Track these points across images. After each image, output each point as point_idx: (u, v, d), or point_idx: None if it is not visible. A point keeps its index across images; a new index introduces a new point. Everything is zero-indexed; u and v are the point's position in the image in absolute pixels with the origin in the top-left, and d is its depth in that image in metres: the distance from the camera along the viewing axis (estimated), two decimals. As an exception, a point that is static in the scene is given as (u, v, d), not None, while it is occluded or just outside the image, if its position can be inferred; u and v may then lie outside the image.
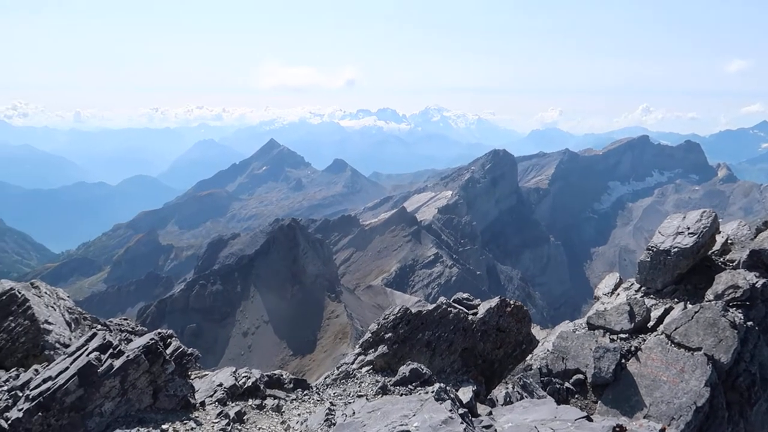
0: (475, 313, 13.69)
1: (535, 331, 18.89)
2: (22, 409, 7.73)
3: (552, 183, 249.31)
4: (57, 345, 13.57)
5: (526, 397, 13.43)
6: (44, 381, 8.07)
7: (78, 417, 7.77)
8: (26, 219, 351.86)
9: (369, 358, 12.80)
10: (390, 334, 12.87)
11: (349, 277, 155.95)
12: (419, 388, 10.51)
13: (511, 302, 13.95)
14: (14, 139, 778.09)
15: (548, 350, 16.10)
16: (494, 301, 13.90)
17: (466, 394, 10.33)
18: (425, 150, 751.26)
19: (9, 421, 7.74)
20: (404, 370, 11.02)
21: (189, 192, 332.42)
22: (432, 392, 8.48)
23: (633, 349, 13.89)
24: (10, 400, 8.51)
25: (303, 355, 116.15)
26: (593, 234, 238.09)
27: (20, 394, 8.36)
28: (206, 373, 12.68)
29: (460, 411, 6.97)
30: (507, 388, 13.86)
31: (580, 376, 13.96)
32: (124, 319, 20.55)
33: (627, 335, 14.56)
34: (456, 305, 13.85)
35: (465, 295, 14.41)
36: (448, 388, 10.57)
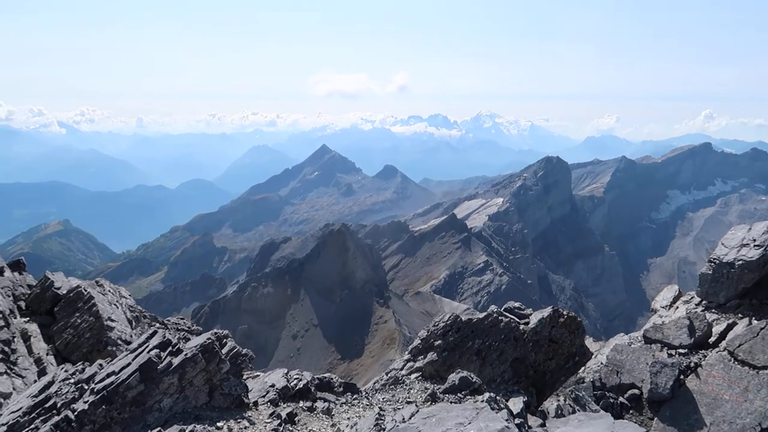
0: (526, 323, 13.48)
1: (589, 343, 18.42)
2: (87, 401, 8.10)
3: (607, 191, 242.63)
4: (119, 341, 14.16)
5: (579, 410, 13.11)
6: (108, 375, 8.43)
7: (138, 411, 8.09)
8: (91, 220, 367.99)
9: (418, 364, 12.79)
10: (440, 342, 12.82)
11: (397, 283, 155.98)
12: (469, 397, 10.43)
13: (564, 313, 13.66)
14: (81, 143, 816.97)
15: (602, 363, 15.67)
16: (547, 311, 13.65)
17: (516, 404, 10.18)
18: (476, 157, 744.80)
19: (75, 413, 8.12)
20: (454, 378, 10.95)
21: (243, 196, 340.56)
22: (484, 401, 8.41)
23: (693, 365, 13.35)
24: (76, 393, 8.93)
25: (351, 359, 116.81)
26: (650, 244, 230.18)
27: (86, 387, 8.76)
28: (258, 373, 12.97)
29: (517, 421, 6.89)
30: (558, 400, 13.57)
31: (636, 391, 13.51)
32: (181, 319, 21.24)
33: (686, 350, 14.01)
34: (507, 314, 13.67)
35: (516, 304, 14.21)
36: (498, 397, 10.45)
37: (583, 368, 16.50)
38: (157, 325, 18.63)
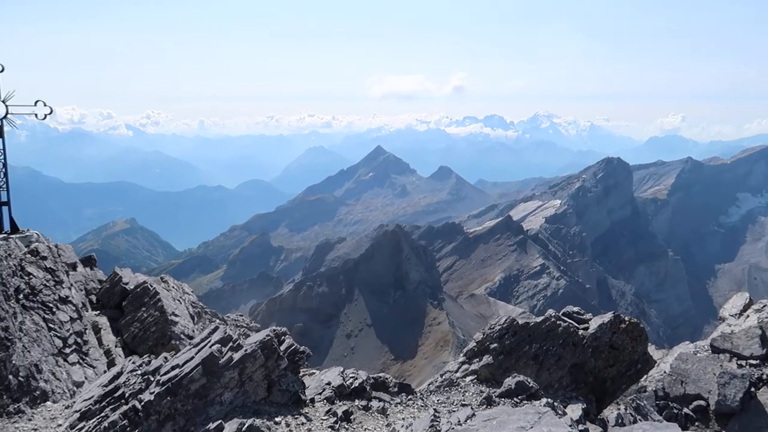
0: (585, 328, 13.13)
1: (651, 350, 17.76)
2: (153, 392, 8.44)
3: (672, 194, 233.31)
4: (182, 336, 14.70)
5: (640, 420, 12.66)
6: (172, 368, 8.75)
7: (201, 404, 8.36)
8: (155, 219, 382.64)
9: (473, 367, 12.67)
10: (495, 345, 12.67)
11: (451, 285, 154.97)
12: (525, 402, 10.27)
13: (626, 318, 13.23)
14: (147, 145, 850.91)
15: (665, 372, 15.10)
16: (607, 317, 13.26)
17: (575, 411, 9.94)
18: (533, 157, 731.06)
19: (142, 403, 8.47)
20: (510, 382, 10.80)
21: (299, 196, 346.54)
22: (545, 406, 8.25)
23: (765, 377, 12.69)
24: (143, 384, 9.32)
25: (404, 360, 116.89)
26: (718, 249, 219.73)
27: (152, 379, 9.12)
28: (314, 371, 13.18)
29: (581, 427, 6.73)
30: (619, 409, 13.15)
31: (702, 402, 12.96)
32: (240, 315, 21.85)
33: (758, 362, 13.33)
34: (565, 319, 13.36)
35: (575, 309, 13.87)
36: (556, 404, 10.24)
37: (645, 377, 15.94)
38: (218, 321, 19.22)
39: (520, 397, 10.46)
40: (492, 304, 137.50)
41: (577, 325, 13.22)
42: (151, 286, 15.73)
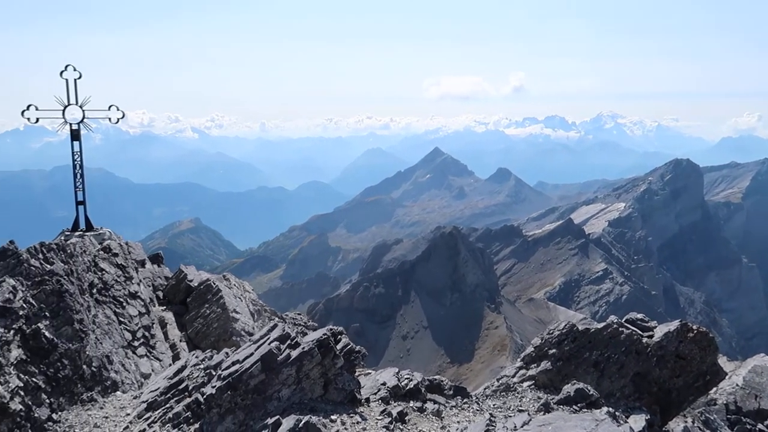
0: (650, 336, 12.64)
1: (722, 361, 16.91)
2: (215, 386, 8.72)
3: (746, 197, 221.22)
4: (242, 332, 15.12)
5: (709, 434, 12.09)
6: (233, 363, 9.01)
7: (260, 399, 8.57)
8: (218, 218, 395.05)
9: (531, 372, 12.43)
10: (554, 350, 12.38)
11: (509, 289, 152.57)
12: (585, 410, 9.98)
13: (694, 327, 12.65)
14: (211, 147, 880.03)
15: (737, 385, 14.34)
16: (674, 325, 12.72)
17: (638, 422, 9.59)
18: (596, 159, 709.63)
19: (204, 396, 8.77)
20: (569, 389, 10.52)
21: (357, 198, 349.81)
22: (604, 415, 8.00)
23: None
24: (205, 378, 9.66)
25: (460, 363, 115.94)
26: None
27: (213, 373, 9.44)
28: (369, 371, 13.26)
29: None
30: (686, 422, 12.60)
31: (778, 418, 12.23)
32: (298, 314, 22.25)
33: (842, 377, 12.46)
34: (629, 326, 12.91)
35: (639, 316, 13.37)
36: (617, 413, 9.91)
37: (714, 389, 15.19)
38: (277, 319, 19.67)
39: (579, 404, 10.18)
40: (551, 309, 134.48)
41: (641, 332, 12.74)
42: (214, 284, 16.26)
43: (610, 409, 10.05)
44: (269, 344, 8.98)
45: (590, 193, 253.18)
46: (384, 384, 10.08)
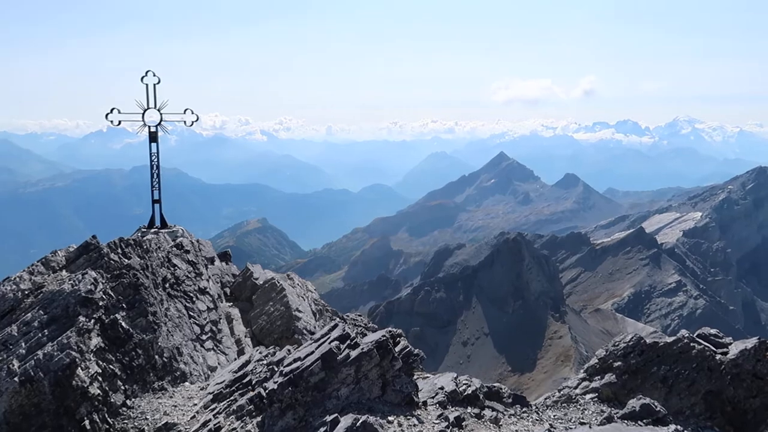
0: (724, 353, 12.02)
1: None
2: (277, 382, 8.98)
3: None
4: (304, 331, 15.47)
5: (789, 460, 11.35)
6: (294, 361, 9.26)
7: (319, 396, 8.77)
8: (284, 219, 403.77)
9: (594, 385, 12.08)
10: (620, 363, 11.99)
11: (575, 298, 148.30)
12: (651, 427, 9.61)
13: (774, 346, 11.94)
14: (279, 149, 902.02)
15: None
16: (751, 342, 12.05)
17: (708, 442, 9.14)
18: (671, 166, 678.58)
19: (267, 391, 9.05)
20: (634, 403, 10.16)
21: (420, 201, 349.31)
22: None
23: None
24: (268, 373, 9.96)
25: (522, 372, 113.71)
26: None
27: (276, 369, 9.72)
28: (428, 375, 13.27)
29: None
30: (762, 445, 11.88)
31: None
32: (359, 315, 22.52)
33: None
34: (701, 341, 12.33)
35: (713, 331, 12.74)
36: None
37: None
38: (338, 319, 20.00)
39: (645, 420, 9.82)
40: (619, 321, 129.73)
41: (714, 349, 12.14)
42: (279, 283, 16.72)
43: (679, 427, 9.63)
44: (329, 343, 9.16)
45: (664, 201, 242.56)
46: (442, 388, 10.08)
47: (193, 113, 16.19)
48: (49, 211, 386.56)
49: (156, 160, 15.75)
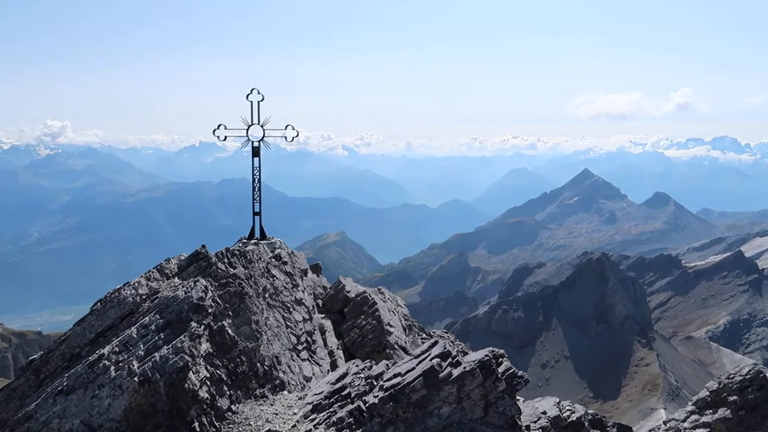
0: None
1: None
2: (377, 396, 9.03)
3: None
4: (396, 346, 15.50)
5: None
6: (395, 376, 9.28)
7: (420, 414, 8.73)
8: (362, 233, 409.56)
9: (705, 419, 11.34)
10: (735, 397, 11.19)
11: (664, 324, 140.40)
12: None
13: None
14: (359, 164, 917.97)
15: None
16: None
17: None
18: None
19: (366, 404, 9.11)
20: (755, 443, 9.46)
21: (499, 218, 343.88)
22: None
23: None
24: (366, 387, 10.03)
25: (604, 399, 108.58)
26: None
27: (375, 383, 9.77)
28: (519, 398, 12.93)
29: None
30: None
31: None
32: (445, 332, 22.35)
33: None
34: (829, 379, 11.32)
35: (843, 369, 11.68)
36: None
37: None
38: (424, 335, 19.94)
39: (768, 462, 9.10)
40: (714, 351, 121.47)
41: None
42: (370, 296, 16.89)
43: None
44: (430, 360, 9.12)
45: (766, 223, 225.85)
46: (544, 413, 9.79)
47: (293, 129, 16.73)
48: (146, 219, 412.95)
49: (258, 174, 16.37)
